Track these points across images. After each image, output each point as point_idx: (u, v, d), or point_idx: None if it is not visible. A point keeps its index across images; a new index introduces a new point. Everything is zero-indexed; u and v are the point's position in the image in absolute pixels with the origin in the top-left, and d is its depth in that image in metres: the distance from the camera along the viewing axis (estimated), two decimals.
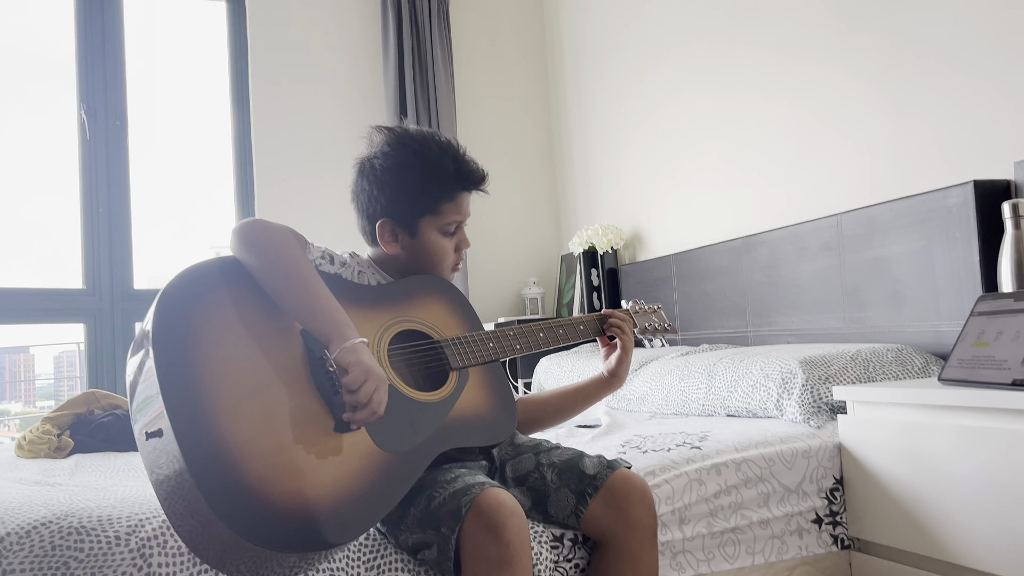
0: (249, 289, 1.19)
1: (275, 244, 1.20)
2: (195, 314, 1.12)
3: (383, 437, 1.18)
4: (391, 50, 3.57)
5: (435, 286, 1.45)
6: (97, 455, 1.86)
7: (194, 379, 1.06)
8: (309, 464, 1.09)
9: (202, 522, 1.02)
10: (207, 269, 1.18)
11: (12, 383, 3.92)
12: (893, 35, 2.19)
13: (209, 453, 1.01)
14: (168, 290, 1.12)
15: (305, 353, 1.18)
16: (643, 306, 1.71)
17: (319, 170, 3.52)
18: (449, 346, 1.35)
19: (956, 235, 1.93)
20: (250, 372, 1.11)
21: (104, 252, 3.17)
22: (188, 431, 1.02)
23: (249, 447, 1.05)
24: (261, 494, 1.02)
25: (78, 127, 3.18)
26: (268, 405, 1.10)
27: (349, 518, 1.08)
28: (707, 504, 1.56)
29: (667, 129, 3.15)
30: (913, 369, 1.91)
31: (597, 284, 3.42)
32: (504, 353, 1.41)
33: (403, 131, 1.46)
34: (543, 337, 1.49)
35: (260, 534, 1.00)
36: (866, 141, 2.29)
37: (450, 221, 1.44)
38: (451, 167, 1.42)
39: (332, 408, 1.15)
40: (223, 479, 1.01)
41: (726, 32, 2.82)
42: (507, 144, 3.95)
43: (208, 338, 1.11)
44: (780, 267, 2.49)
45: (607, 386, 1.59)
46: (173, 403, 1.03)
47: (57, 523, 1.14)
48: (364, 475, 1.13)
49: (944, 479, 1.50)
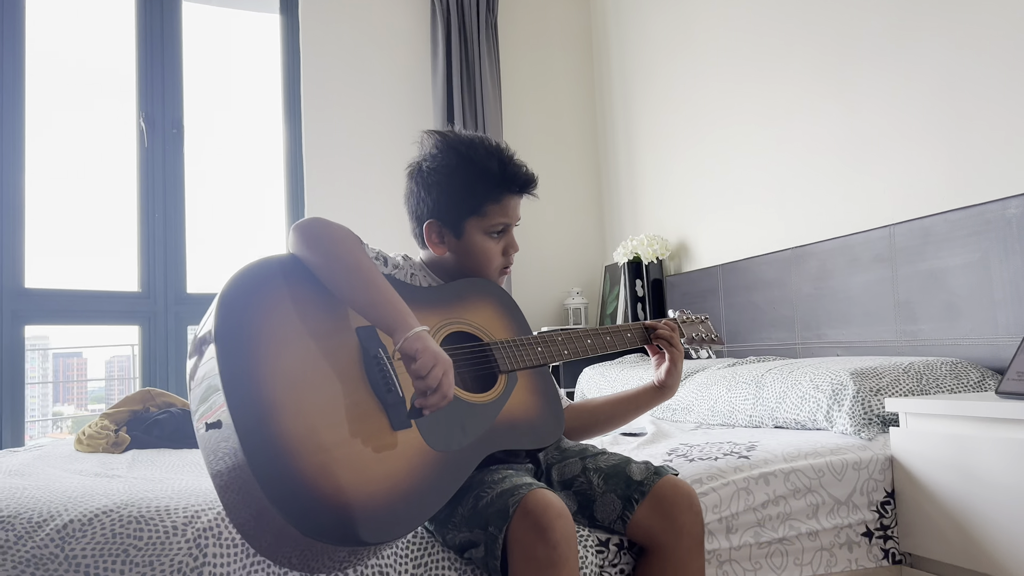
0: (306, 286, 1.21)
1: (336, 240, 1.22)
2: (255, 309, 1.15)
3: (434, 436, 1.20)
4: (440, 60, 3.62)
5: (485, 289, 1.46)
6: (153, 451, 1.90)
7: (254, 373, 1.09)
8: (364, 460, 1.10)
9: (257, 512, 1.05)
10: (267, 266, 1.21)
11: (66, 385, 4.03)
12: (950, 44, 2.16)
13: (267, 445, 1.04)
14: (230, 286, 1.15)
15: (360, 351, 1.20)
16: (690, 316, 1.71)
17: (368, 179, 3.58)
18: (499, 349, 1.37)
19: (1015, 247, 1.89)
20: (308, 368, 1.14)
21: (159, 256, 3.26)
22: (248, 423, 1.04)
23: (306, 441, 1.07)
24: (317, 487, 1.04)
25: (137, 135, 3.28)
26: (325, 401, 1.12)
27: (401, 514, 1.09)
28: (755, 514, 1.54)
29: (715, 138, 3.14)
30: (969, 383, 1.87)
31: (642, 295, 3.41)
32: (552, 358, 1.42)
33: (453, 134, 1.48)
34: (591, 344, 1.50)
35: (314, 526, 1.02)
36: (921, 151, 2.26)
37: (496, 223, 1.45)
38: (496, 169, 1.43)
39: (385, 406, 1.17)
40: (280, 470, 1.03)
41: (778, 41, 2.80)
42: (553, 153, 3.96)
43: (267, 334, 1.13)
44: (830, 279, 2.46)
45: (658, 396, 1.59)
46: (234, 395, 1.05)
47: (118, 512, 1.17)
48: (416, 473, 1.14)
49: (999, 494, 1.46)
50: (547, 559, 1.12)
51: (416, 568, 1.27)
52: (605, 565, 1.37)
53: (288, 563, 1.12)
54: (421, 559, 1.28)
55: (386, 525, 1.07)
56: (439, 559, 1.28)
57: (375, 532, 1.06)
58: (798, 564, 1.57)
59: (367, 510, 1.07)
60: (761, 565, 1.54)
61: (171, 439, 1.96)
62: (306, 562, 1.12)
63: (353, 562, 1.16)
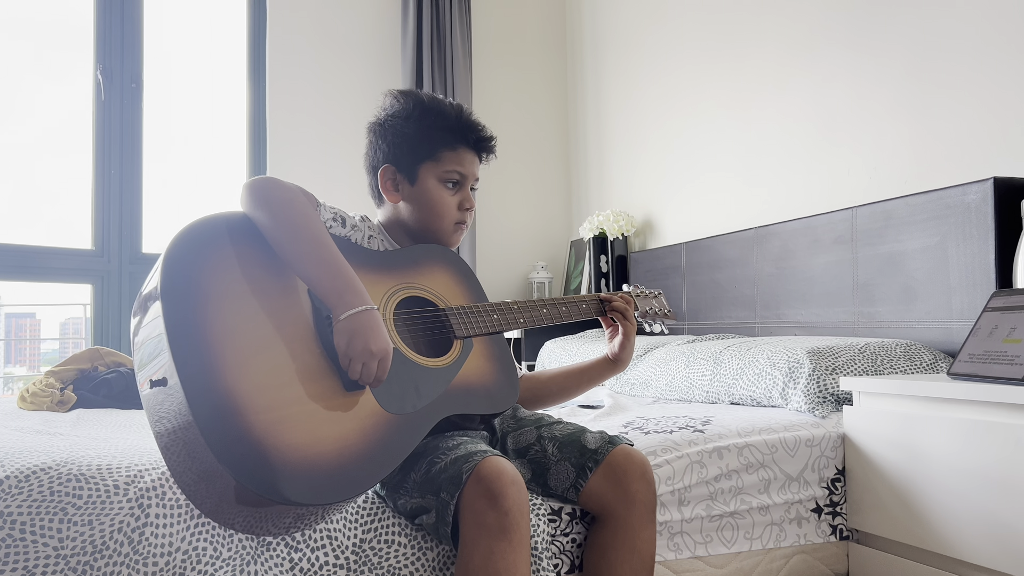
0: (258, 245, 1.18)
1: (285, 202, 1.19)
2: (204, 266, 1.11)
3: (388, 399, 1.18)
4: (410, 27, 3.55)
5: (442, 256, 1.44)
6: (99, 410, 1.86)
7: (202, 329, 1.06)
8: (314, 420, 1.08)
9: (203, 471, 1.02)
10: (216, 222, 1.17)
11: (18, 346, 3.93)
12: (919, 30, 2.17)
13: (215, 402, 1.01)
14: (177, 241, 1.12)
15: (312, 311, 1.17)
16: (644, 291, 1.72)
17: (332, 140, 3.51)
18: (454, 315, 1.35)
19: (972, 232, 1.91)
20: (258, 327, 1.11)
21: (114, 214, 3.17)
22: (195, 379, 1.01)
23: (255, 399, 1.04)
24: (265, 445, 1.02)
25: (93, 88, 3.17)
26: (276, 360, 1.10)
27: (352, 475, 1.07)
28: (707, 487, 1.55)
29: (684, 117, 3.13)
30: (922, 365, 1.89)
31: (606, 270, 3.40)
32: (508, 325, 1.41)
33: (412, 90, 1.49)
34: (546, 313, 1.49)
35: (261, 484, 0.99)
36: (886, 135, 2.27)
37: (450, 170, 1.43)
38: (453, 117, 1.44)
39: (337, 368, 1.15)
40: (228, 428, 1.00)
41: (749, 20, 2.79)
42: (522, 127, 3.93)
43: (216, 291, 1.10)
44: (792, 259, 2.47)
45: (611, 368, 1.59)
46: (180, 351, 1.02)
47: (56, 469, 1.13)
48: (368, 434, 1.12)
49: (948, 474, 1.48)
50: (498, 526, 1.11)
51: (365, 533, 1.25)
52: (557, 534, 1.37)
53: (233, 524, 1.10)
54: (371, 524, 1.26)
55: (336, 486, 1.05)
56: (389, 524, 1.27)
57: (324, 493, 1.04)
58: (748, 538, 1.59)
59: (316, 470, 1.04)
60: (712, 538, 1.55)
61: (119, 399, 1.91)
62: (251, 524, 1.09)
63: (300, 526, 1.14)
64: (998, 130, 1.97)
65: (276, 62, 3.44)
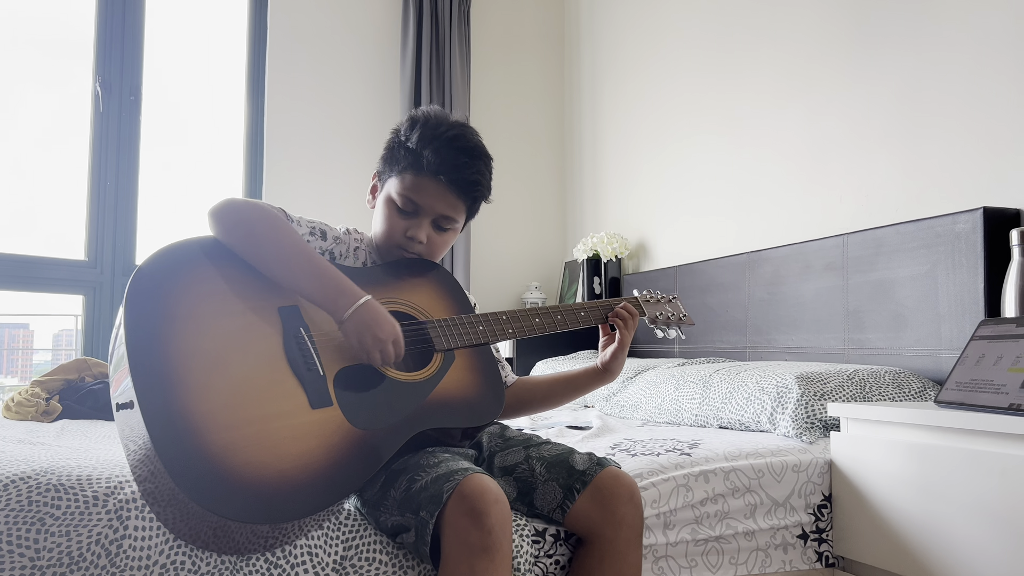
0: (227, 267, 1.19)
1: (255, 220, 1.20)
2: (168, 288, 1.13)
3: (357, 415, 1.17)
4: (409, 48, 3.58)
5: (425, 269, 1.43)
6: (84, 421, 1.85)
7: (160, 351, 1.07)
8: (277, 437, 1.08)
9: (168, 494, 1.02)
10: (186, 247, 1.19)
11: (10, 356, 3.90)
12: (910, 61, 2.19)
13: (170, 422, 1.01)
14: (145, 265, 1.14)
15: (282, 330, 1.18)
16: (655, 295, 1.63)
17: (329, 157, 3.53)
18: (435, 327, 1.33)
19: (962, 261, 1.92)
20: (222, 347, 1.11)
21: (108, 226, 3.17)
22: (151, 400, 1.02)
23: (214, 418, 1.04)
24: (224, 465, 1.02)
25: (92, 100, 3.18)
26: (238, 380, 1.10)
27: (317, 491, 1.07)
28: (693, 511, 1.54)
29: (679, 141, 3.15)
30: (910, 392, 1.89)
31: (599, 292, 3.41)
32: (495, 336, 1.37)
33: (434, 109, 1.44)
34: (538, 322, 1.43)
35: (219, 505, 0.99)
36: (878, 163, 2.29)
37: (403, 194, 1.37)
38: (432, 143, 1.36)
39: (304, 384, 1.15)
40: (184, 449, 1.00)
41: (745, 49, 2.82)
42: (518, 147, 3.95)
43: (180, 313, 1.11)
44: (783, 284, 2.48)
45: (599, 378, 1.53)
46: (139, 372, 1.03)
47: (35, 479, 1.12)
48: (334, 451, 1.12)
49: (934, 501, 1.48)
50: (481, 544, 1.10)
51: (347, 551, 1.24)
52: (540, 555, 1.36)
53: (207, 545, 1.09)
54: (352, 541, 1.25)
55: (298, 503, 1.05)
56: (370, 542, 1.26)
57: (285, 511, 1.03)
58: (733, 563, 1.58)
59: (277, 488, 1.04)
60: (696, 563, 1.54)
61: (105, 410, 1.90)
62: (223, 543, 1.08)
63: (276, 543, 1.14)
64: (988, 160, 1.98)
65: (275, 75, 3.46)
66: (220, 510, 0.99)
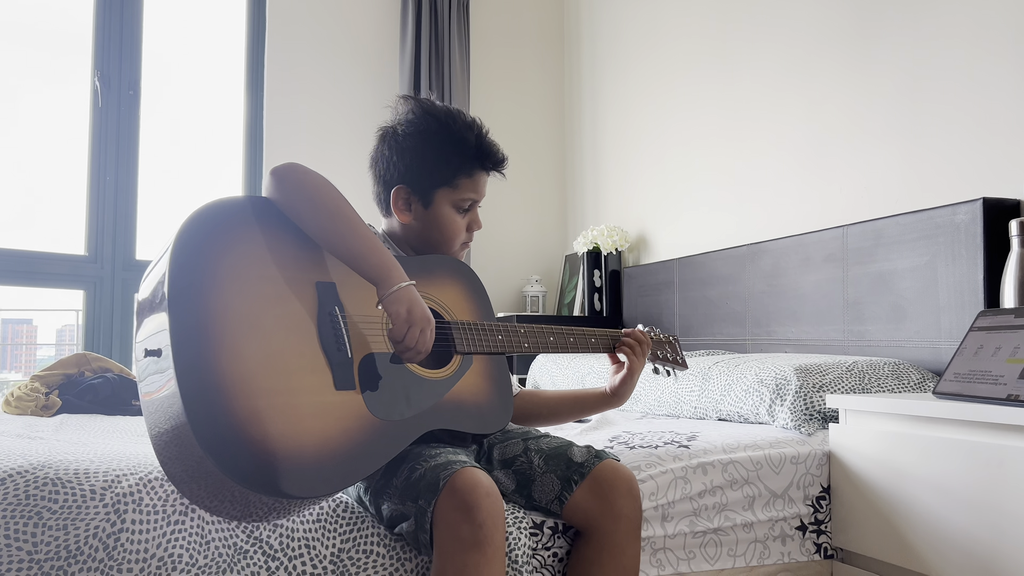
0: (272, 232, 1.18)
1: (319, 185, 1.20)
2: (216, 242, 1.11)
3: (377, 403, 1.18)
4: (408, 40, 3.57)
5: (455, 268, 1.44)
6: (83, 416, 1.85)
7: (203, 306, 1.06)
8: (299, 412, 1.08)
9: (186, 452, 1.02)
10: (238, 204, 1.17)
11: (14, 352, 3.91)
12: (910, 52, 2.18)
13: (202, 380, 1.01)
14: (197, 215, 1.12)
15: (316, 306, 1.17)
16: (659, 334, 1.68)
17: (330, 151, 3.52)
18: (459, 329, 1.33)
19: (961, 252, 1.91)
20: (259, 313, 1.11)
21: (108, 220, 3.17)
22: (188, 353, 1.01)
23: (244, 384, 1.04)
24: (245, 430, 1.02)
25: (90, 94, 3.18)
26: (270, 349, 1.09)
27: (327, 473, 1.07)
28: (691, 503, 1.54)
29: (678, 133, 3.14)
30: (909, 384, 1.89)
31: (599, 285, 3.40)
32: (512, 348, 1.38)
33: (429, 102, 1.46)
34: (552, 341, 1.46)
35: (234, 468, 0.99)
36: (878, 155, 2.28)
37: (465, 197, 1.44)
38: (473, 142, 1.42)
39: (332, 364, 1.15)
40: (212, 406, 1.00)
41: (744, 41, 2.81)
42: (518, 140, 3.94)
43: (223, 269, 1.10)
44: (783, 276, 2.47)
45: (607, 402, 1.56)
46: (178, 323, 1.02)
47: (33, 473, 1.13)
48: (351, 435, 1.12)
49: (932, 493, 1.48)
50: (472, 538, 1.11)
51: (344, 543, 1.25)
52: (538, 548, 1.36)
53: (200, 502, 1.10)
54: (349, 533, 1.25)
55: (309, 481, 1.05)
56: (368, 534, 1.26)
57: (296, 486, 1.04)
58: (731, 555, 1.58)
59: (292, 462, 1.04)
60: (695, 554, 1.54)
61: (104, 405, 1.91)
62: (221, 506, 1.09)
63: (277, 515, 1.14)
64: (987, 151, 1.98)
65: (274, 69, 3.45)
66: (235, 474, 0.99)
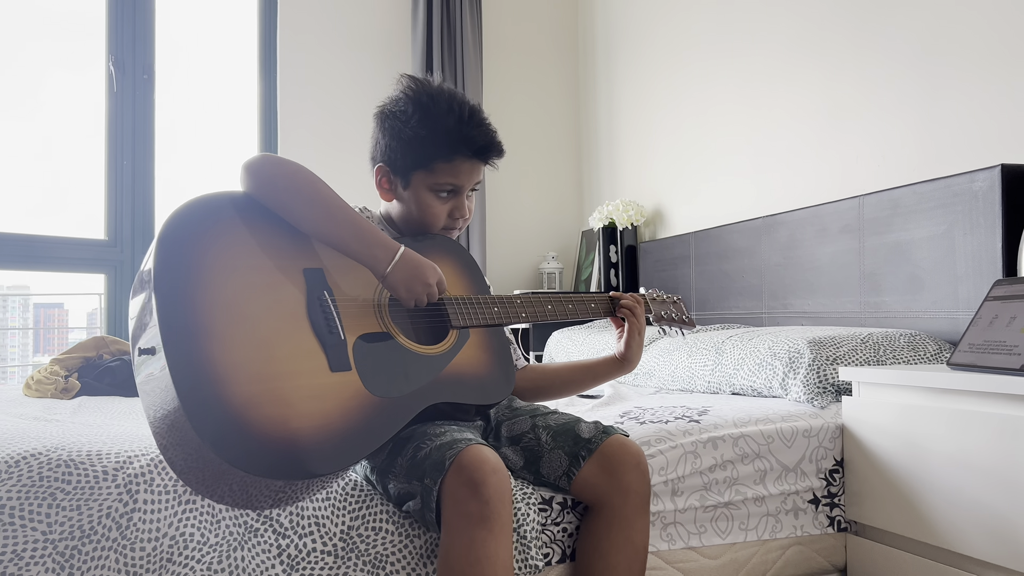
0: (254, 224, 1.19)
1: (292, 174, 1.19)
2: (200, 237, 1.13)
3: (374, 381, 1.18)
4: (420, 19, 3.54)
5: (445, 246, 1.44)
6: (102, 398, 1.88)
7: (190, 297, 1.07)
8: (296, 396, 1.09)
9: (186, 443, 1.03)
10: (218, 198, 1.19)
11: (46, 335, 3.98)
12: (926, 19, 2.13)
13: (195, 369, 1.02)
14: (177, 213, 1.13)
15: (305, 292, 1.18)
16: (660, 295, 1.67)
17: (343, 131, 3.52)
18: (452, 304, 1.34)
19: (980, 220, 1.88)
20: (247, 302, 1.12)
21: (127, 204, 3.20)
22: (179, 346, 1.03)
23: (237, 371, 1.05)
24: (242, 416, 1.03)
25: (105, 80, 3.20)
26: (262, 335, 1.11)
27: (328, 451, 1.08)
28: (701, 477, 1.54)
29: (694, 107, 3.10)
30: (925, 355, 1.87)
31: (615, 261, 3.39)
32: (508, 319, 1.38)
33: (424, 82, 1.43)
34: (551, 309, 1.45)
35: (234, 455, 1.00)
36: (894, 124, 2.23)
37: (443, 182, 1.39)
38: (452, 127, 1.36)
39: (325, 347, 1.15)
40: (207, 395, 1.02)
41: (759, 13, 2.76)
42: (533, 117, 3.91)
43: (210, 262, 1.11)
44: (799, 248, 2.44)
45: (618, 368, 1.56)
46: (167, 319, 1.04)
47: (47, 455, 1.15)
48: (350, 414, 1.13)
49: (947, 465, 1.46)
50: (479, 514, 1.11)
51: (353, 520, 1.26)
52: (547, 523, 1.37)
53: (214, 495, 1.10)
54: (358, 511, 1.27)
55: (311, 463, 1.06)
56: (377, 511, 1.27)
57: (297, 469, 1.05)
58: (743, 528, 1.58)
59: (292, 445, 1.05)
60: (706, 528, 1.54)
61: (123, 387, 1.94)
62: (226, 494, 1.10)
63: (281, 501, 1.15)
64: (1005, 117, 1.93)
65: (287, 54, 3.45)
66: (236, 461, 1.00)
